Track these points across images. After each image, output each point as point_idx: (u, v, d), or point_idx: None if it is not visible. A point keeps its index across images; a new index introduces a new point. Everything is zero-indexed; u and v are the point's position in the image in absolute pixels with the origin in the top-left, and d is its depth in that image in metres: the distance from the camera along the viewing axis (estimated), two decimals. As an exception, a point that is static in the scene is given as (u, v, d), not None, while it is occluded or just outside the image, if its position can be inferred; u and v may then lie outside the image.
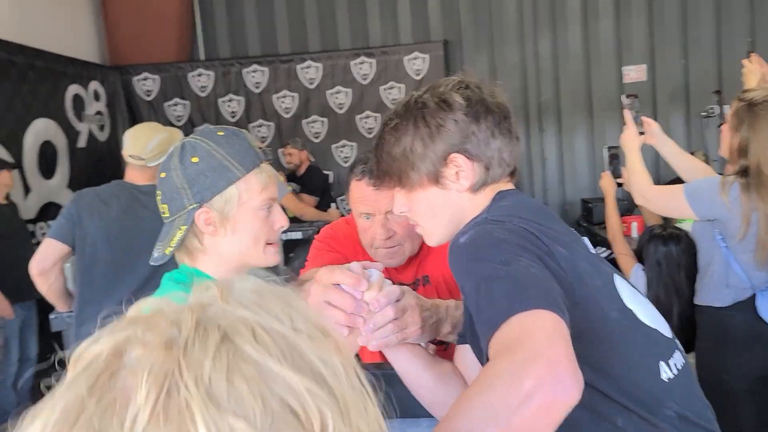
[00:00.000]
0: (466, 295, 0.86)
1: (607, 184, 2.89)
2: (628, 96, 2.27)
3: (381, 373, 1.23)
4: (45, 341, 4.09)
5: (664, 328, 1.01)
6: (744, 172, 2.01)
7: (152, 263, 1.22)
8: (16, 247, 3.71)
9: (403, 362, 1.15)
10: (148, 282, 2.47)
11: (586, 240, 1.05)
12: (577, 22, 6.05)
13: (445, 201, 1.06)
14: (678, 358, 0.98)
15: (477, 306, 0.81)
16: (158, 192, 1.23)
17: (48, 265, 2.48)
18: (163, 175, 1.22)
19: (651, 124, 2.25)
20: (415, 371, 1.15)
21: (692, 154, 4.97)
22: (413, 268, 1.64)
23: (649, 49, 5.99)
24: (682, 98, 6.00)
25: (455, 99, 1.03)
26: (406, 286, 1.14)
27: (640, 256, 2.55)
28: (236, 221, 1.19)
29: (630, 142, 2.20)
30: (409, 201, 1.08)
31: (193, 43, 6.46)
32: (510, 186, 1.09)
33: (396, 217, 1.52)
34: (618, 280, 0.99)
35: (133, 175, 2.56)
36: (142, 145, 2.52)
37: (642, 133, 2.21)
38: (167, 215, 1.22)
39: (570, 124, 6.17)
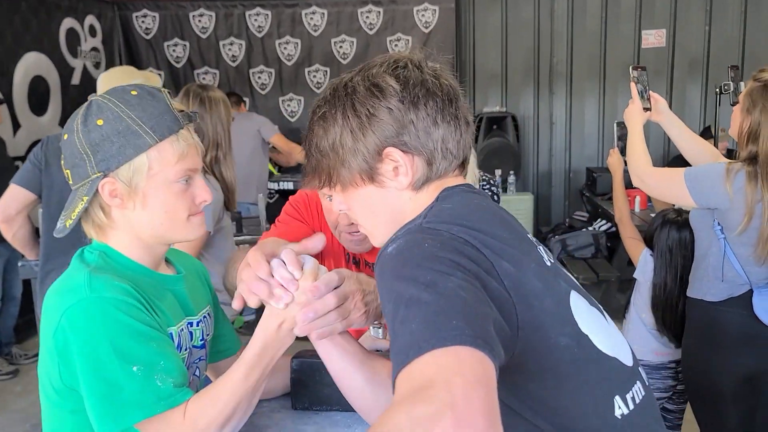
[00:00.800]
0: (385, 316, 0.73)
1: (615, 162, 2.73)
2: (635, 68, 2.09)
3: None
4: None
5: (625, 356, 0.89)
6: (752, 160, 1.85)
7: (55, 235, 1.10)
8: (1, 185, 3.62)
9: (334, 358, 1.06)
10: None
11: (541, 249, 0.91)
12: (597, -20, 5.75)
13: (383, 200, 0.92)
14: (637, 391, 0.86)
15: (393, 331, 0.68)
16: (62, 156, 1.09)
17: (12, 212, 2.38)
18: (65, 136, 1.08)
19: (658, 101, 2.09)
20: (345, 369, 1.06)
21: (708, 128, 4.78)
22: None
23: (671, 14, 5.71)
24: (702, 68, 5.74)
25: (389, 83, 0.88)
26: (346, 270, 1.05)
27: (649, 240, 2.41)
28: (146, 194, 1.06)
29: (633, 117, 2.05)
30: (346, 199, 0.95)
31: (196, -20, 6.21)
32: (459, 180, 0.95)
33: None
34: (575, 299, 0.86)
35: (105, 122, 2.42)
36: None
37: (647, 109, 2.05)
38: (71, 182, 1.09)
39: (581, 89, 5.94)
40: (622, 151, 2.39)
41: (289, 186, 5.11)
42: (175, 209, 1.08)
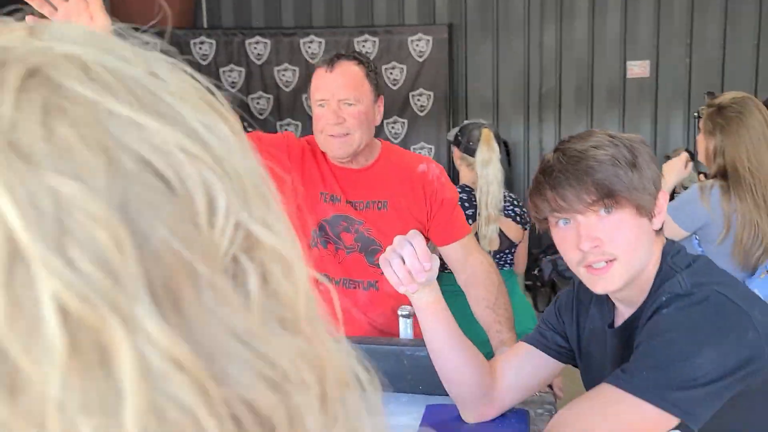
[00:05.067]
0: (644, 346, 0.98)
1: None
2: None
3: (364, 347, 1.24)
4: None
5: None
6: (722, 175, 2.02)
7: None
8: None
9: (438, 334, 1.14)
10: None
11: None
12: (584, 15, 6.00)
13: (647, 236, 1.08)
14: None
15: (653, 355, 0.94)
16: None
17: None
18: None
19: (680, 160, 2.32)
20: (446, 345, 1.15)
21: (674, 152, 4.97)
22: (363, 187, 1.67)
23: (655, 46, 5.96)
24: (684, 97, 5.98)
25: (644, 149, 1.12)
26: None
27: None
28: None
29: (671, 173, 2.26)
30: (620, 223, 1.06)
31: (196, 10, 6.41)
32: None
33: (348, 108, 1.59)
34: None
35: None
36: None
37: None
38: None
39: (570, 117, 6.15)
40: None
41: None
42: None
